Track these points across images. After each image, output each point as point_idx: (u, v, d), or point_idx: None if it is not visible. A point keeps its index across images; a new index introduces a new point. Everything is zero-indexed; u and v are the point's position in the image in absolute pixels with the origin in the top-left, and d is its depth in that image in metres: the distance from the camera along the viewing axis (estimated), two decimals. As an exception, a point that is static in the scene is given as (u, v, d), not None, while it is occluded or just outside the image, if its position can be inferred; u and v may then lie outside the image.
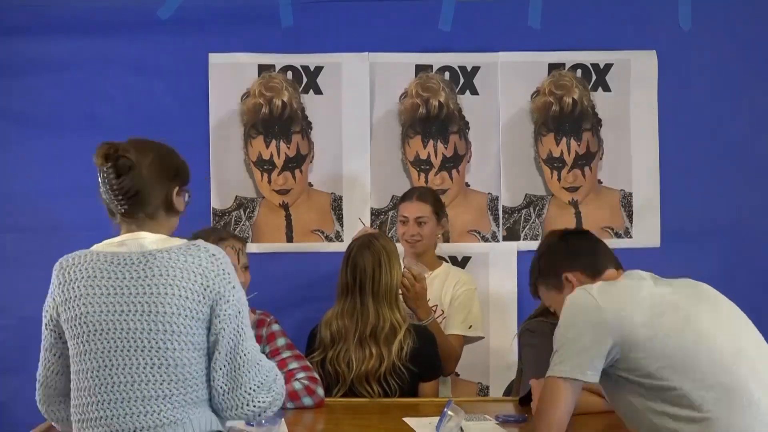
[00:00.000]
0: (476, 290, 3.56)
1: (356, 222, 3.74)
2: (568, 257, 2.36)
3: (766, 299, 3.84)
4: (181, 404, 1.99)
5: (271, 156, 3.80)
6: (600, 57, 3.85)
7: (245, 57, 3.79)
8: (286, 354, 2.94)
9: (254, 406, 2.04)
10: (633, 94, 3.85)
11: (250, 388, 2.03)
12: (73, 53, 3.72)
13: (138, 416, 1.97)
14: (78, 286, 2.02)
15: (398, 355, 2.95)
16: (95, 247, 2.09)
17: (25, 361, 3.74)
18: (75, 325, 2.01)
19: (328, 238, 3.82)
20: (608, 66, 3.85)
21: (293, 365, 2.89)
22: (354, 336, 2.97)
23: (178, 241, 2.07)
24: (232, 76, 3.78)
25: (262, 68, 3.80)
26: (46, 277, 3.65)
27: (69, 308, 2.02)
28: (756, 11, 3.85)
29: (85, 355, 2.00)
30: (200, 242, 2.06)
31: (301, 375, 2.87)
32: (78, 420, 2.03)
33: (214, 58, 3.77)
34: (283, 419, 2.62)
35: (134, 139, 2.14)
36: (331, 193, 3.83)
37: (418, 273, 3.24)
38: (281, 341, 2.97)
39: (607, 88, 3.85)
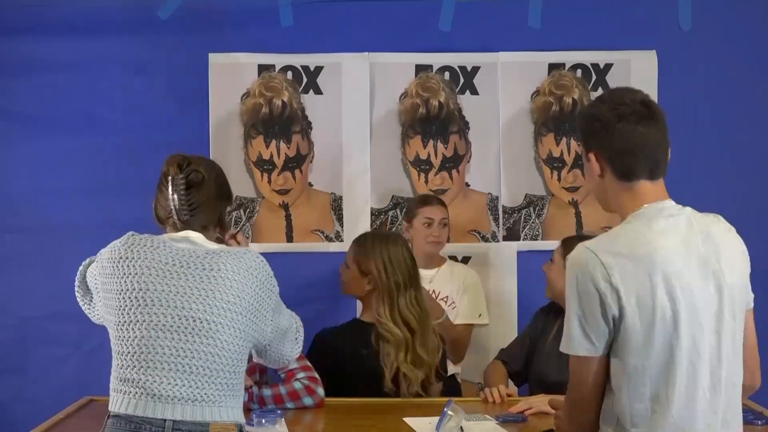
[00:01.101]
0: (479, 282, 3.69)
1: (356, 222, 3.75)
2: (598, 134, 1.96)
3: (766, 299, 3.84)
4: (219, 386, 2.10)
5: (271, 156, 3.81)
6: (600, 57, 3.85)
7: (245, 57, 3.79)
8: None
9: (296, 347, 2.38)
10: (633, 94, 3.85)
11: (290, 341, 2.35)
12: (73, 53, 3.72)
13: (176, 386, 2.07)
14: (146, 265, 2.12)
15: (438, 357, 3.02)
16: (161, 236, 2.20)
17: (25, 361, 3.77)
18: (131, 297, 2.11)
19: (328, 238, 3.82)
20: (608, 66, 3.85)
21: (294, 365, 2.88)
22: (419, 331, 2.97)
23: (232, 247, 2.29)
24: (232, 76, 3.78)
25: (262, 68, 3.80)
26: (46, 277, 3.69)
27: (129, 282, 2.12)
28: (756, 11, 3.85)
29: (136, 324, 2.10)
30: (251, 249, 2.28)
31: (301, 375, 2.87)
32: (117, 378, 2.12)
33: (214, 58, 3.77)
34: (283, 419, 2.63)
35: (198, 156, 2.28)
36: (331, 193, 3.83)
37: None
38: None
39: (607, 88, 3.85)
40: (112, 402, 2.12)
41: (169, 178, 2.17)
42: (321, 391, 2.87)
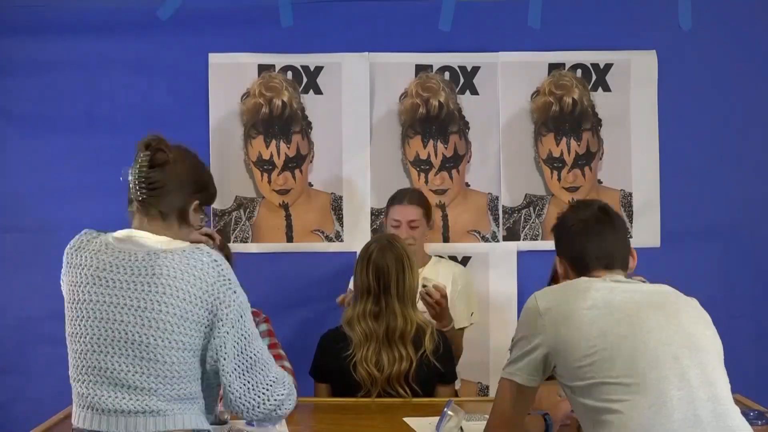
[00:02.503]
0: (471, 278, 3.62)
1: (356, 222, 3.75)
2: (561, 240, 2.35)
3: (766, 299, 3.85)
4: (167, 398, 2.02)
5: (271, 156, 3.81)
6: (600, 57, 3.85)
7: (245, 57, 3.79)
8: None
9: (274, 400, 2.08)
10: (633, 94, 3.85)
11: (267, 384, 2.08)
12: (73, 53, 3.72)
13: (122, 400, 2.02)
14: (84, 274, 2.07)
15: (429, 354, 2.95)
16: (106, 237, 2.12)
17: (25, 361, 3.77)
18: (74, 308, 2.07)
19: (328, 238, 3.82)
20: (608, 66, 3.85)
21: None
22: (382, 338, 2.95)
23: (182, 244, 2.10)
24: (232, 76, 3.78)
25: (262, 68, 3.80)
26: (46, 277, 3.65)
27: (73, 291, 2.08)
28: (756, 11, 3.85)
29: (78, 336, 2.06)
30: (203, 246, 2.09)
31: None
32: (74, 391, 2.10)
33: (214, 58, 3.77)
34: (283, 419, 2.63)
35: (179, 144, 2.20)
36: (331, 193, 3.83)
37: (442, 288, 3.22)
38: (264, 342, 2.95)
39: (607, 88, 3.85)
40: (73, 415, 2.09)
41: (135, 156, 2.11)
42: None
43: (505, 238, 3.85)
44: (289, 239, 3.82)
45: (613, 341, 2.03)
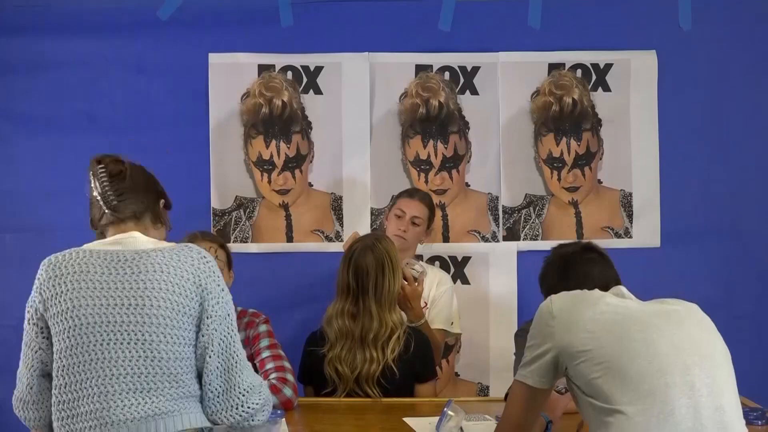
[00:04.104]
0: (453, 288, 3.59)
1: (356, 222, 3.75)
2: (556, 281, 2.42)
3: (766, 299, 3.85)
4: (173, 397, 2.03)
5: (271, 156, 3.81)
6: (600, 57, 3.85)
7: (245, 57, 3.79)
8: (265, 354, 2.96)
9: (248, 407, 2.10)
10: (633, 94, 3.85)
11: (244, 389, 2.10)
12: (73, 53, 3.72)
13: (129, 407, 2.01)
14: (68, 281, 2.07)
15: (393, 356, 2.95)
16: (86, 246, 2.15)
17: (25, 361, 3.76)
18: (64, 319, 2.06)
19: (328, 238, 3.82)
20: (608, 66, 3.85)
21: (269, 365, 2.92)
22: (357, 339, 2.97)
23: (169, 244, 2.15)
24: (232, 76, 3.78)
25: (262, 68, 3.80)
26: (46, 277, 3.68)
27: (58, 303, 2.07)
28: (756, 11, 3.85)
29: (74, 348, 2.04)
30: (191, 245, 2.16)
31: (272, 375, 2.90)
32: (65, 417, 2.05)
33: (214, 58, 3.77)
34: (283, 419, 2.63)
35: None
36: (331, 193, 3.83)
37: (419, 275, 3.24)
38: (264, 342, 3.00)
39: (607, 88, 3.85)
40: None
41: (91, 172, 2.17)
42: (288, 391, 2.85)
43: (505, 238, 3.85)
44: (289, 239, 3.82)
45: (624, 346, 2.04)
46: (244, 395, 2.09)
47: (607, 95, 3.86)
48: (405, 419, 2.72)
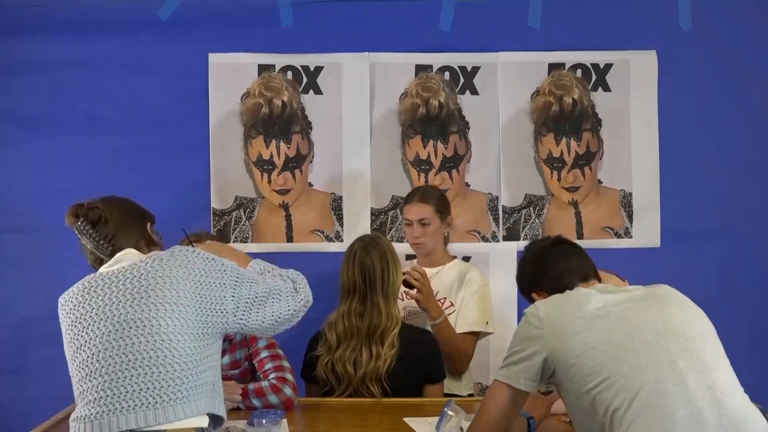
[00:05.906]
0: (488, 286, 3.50)
1: (356, 222, 3.74)
2: (535, 277, 2.45)
3: (765, 299, 3.85)
4: (183, 382, 2.13)
5: (271, 156, 3.81)
6: (600, 57, 3.85)
7: (245, 57, 3.79)
8: (264, 354, 2.98)
9: (299, 300, 2.42)
10: (633, 94, 3.85)
11: (284, 304, 2.36)
12: (73, 53, 3.72)
13: (139, 393, 2.10)
14: (75, 301, 2.24)
15: (394, 351, 2.95)
16: (88, 276, 2.29)
17: (25, 361, 3.77)
18: (73, 323, 2.21)
19: (328, 238, 3.82)
20: (608, 66, 3.85)
21: (268, 365, 2.93)
22: (363, 336, 2.97)
23: (157, 252, 2.32)
24: (232, 76, 3.78)
25: (262, 68, 3.80)
26: (46, 277, 3.69)
27: (71, 313, 2.24)
28: (756, 11, 3.85)
29: (84, 345, 2.16)
30: (175, 247, 2.31)
31: (272, 375, 2.91)
32: (82, 405, 2.16)
33: (214, 58, 3.77)
34: (284, 420, 2.63)
35: (97, 198, 2.39)
36: (331, 193, 3.83)
37: (419, 276, 3.23)
38: (263, 342, 3.01)
39: (607, 88, 3.85)
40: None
41: (75, 230, 2.29)
42: (288, 391, 2.86)
43: (505, 238, 3.86)
44: (289, 239, 3.82)
45: (612, 345, 2.06)
46: (280, 302, 2.35)
47: (607, 95, 3.86)
48: (405, 419, 2.72)
